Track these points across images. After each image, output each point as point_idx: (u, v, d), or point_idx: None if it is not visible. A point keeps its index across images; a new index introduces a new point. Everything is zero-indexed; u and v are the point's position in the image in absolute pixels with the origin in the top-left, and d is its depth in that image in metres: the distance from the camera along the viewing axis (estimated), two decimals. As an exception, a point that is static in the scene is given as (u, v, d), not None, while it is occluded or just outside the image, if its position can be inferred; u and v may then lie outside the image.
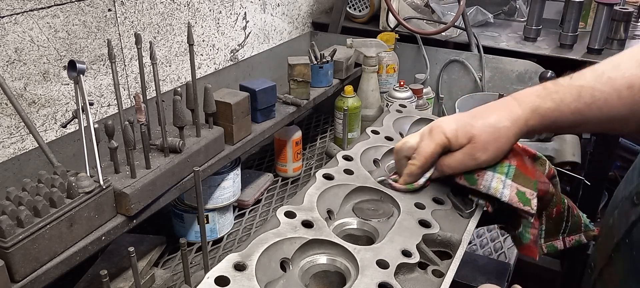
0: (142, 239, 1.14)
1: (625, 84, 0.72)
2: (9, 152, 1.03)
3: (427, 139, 0.80)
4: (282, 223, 0.72)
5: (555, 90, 0.76)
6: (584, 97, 0.74)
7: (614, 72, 0.74)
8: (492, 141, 0.77)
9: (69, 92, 1.13)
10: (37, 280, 0.75)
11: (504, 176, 0.78)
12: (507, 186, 0.78)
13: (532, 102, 0.77)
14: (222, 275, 0.62)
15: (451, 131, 0.77)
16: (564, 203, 0.86)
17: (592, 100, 0.74)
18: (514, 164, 0.79)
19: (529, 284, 0.83)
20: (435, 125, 0.80)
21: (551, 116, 0.76)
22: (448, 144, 0.78)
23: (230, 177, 1.22)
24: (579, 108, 0.75)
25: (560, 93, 0.76)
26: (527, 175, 0.79)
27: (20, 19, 1.00)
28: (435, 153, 0.79)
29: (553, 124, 0.78)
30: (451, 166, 0.80)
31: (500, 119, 0.77)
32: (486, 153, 0.77)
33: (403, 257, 0.68)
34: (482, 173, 0.79)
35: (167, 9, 1.35)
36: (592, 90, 0.74)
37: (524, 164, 0.80)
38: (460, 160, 0.79)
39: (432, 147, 0.79)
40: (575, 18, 1.81)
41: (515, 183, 0.78)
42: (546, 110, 0.76)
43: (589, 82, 0.75)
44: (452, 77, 1.82)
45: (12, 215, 0.72)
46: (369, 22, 2.09)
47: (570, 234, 0.88)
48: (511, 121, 0.76)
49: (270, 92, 1.25)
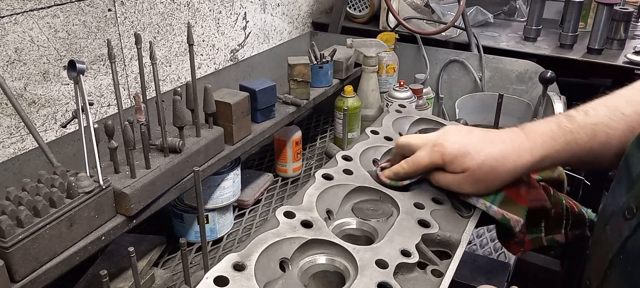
0: (142, 239, 1.14)
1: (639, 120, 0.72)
2: (9, 152, 1.04)
3: (426, 151, 0.79)
4: (282, 223, 0.72)
5: (570, 129, 0.75)
6: (599, 137, 0.74)
7: (627, 108, 0.73)
8: (485, 180, 0.76)
9: (69, 92, 1.13)
10: (37, 280, 0.76)
11: (489, 202, 0.78)
12: (491, 210, 0.78)
13: (545, 147, 0.75)
14: (221, 275, 0.62)
15: (449, 155, 0.77)
16: (562, 204, 0.86)
17: (606, 140, 0.74)
18: (503, 192, 0.78)
19: (529, 284, 0.83)
20: (440, 140, 0.79)
21: (561, 158, 0.76)
22: (442, 166, 0.78)
23: (230, 177, 1.22)
24: (593, 148, 0.74)
25: (575, 133, 0.74)
26: (518, 202, 0.78)
27: (20, 19, 1.01)
28: (427, 168, 0.80)
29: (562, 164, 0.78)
30: (439, 183, 0.81)
31: (504, 160, 0.75)
32: (473, 187, 0.77)
33: (402, 256, 0.68)
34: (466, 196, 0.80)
35: (167, 9, 1.35)
36: (606, 129, 0.73)
37: (517, 191, 0.79)
38: (449, 183, 0.79)
39: (426, 162, 0.79)
40: (575, 18, 1.82)
41: (501, 210, 0.78)
42: (557, 153, 0.75)
43: (603, 119, 0.74)
44: (452, 77, 1.82)
45: (12, 215, 0.73)
46: (369, 22, 2.09)
47: (573, 229, 0.88)
48: (515, 166, 0.75)
49: (270, 92, 1.25)
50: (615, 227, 0.70)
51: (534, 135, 0.76)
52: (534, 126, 0.78)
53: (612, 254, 0.69)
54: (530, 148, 0.75)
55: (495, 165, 0.75)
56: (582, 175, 1.76)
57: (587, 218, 0.87)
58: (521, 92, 1.70)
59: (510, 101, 1.53)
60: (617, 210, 0.69)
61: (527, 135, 0.77)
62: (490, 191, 0.78)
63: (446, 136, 0.79)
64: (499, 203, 0.78)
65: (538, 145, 0.75)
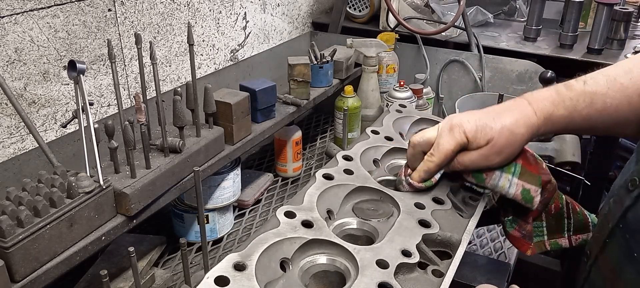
0: (142, 239, 1.14)
1: (637, 91, 0.74)
2: (9, 152, 1.04)
3: (447, 135, 0.80)
4: (282, 223, 0.72)
5: (569, 96, 0.78)
6: (596, 104, 0.76)
7: (625, 78, 0.76)
8: (507, 145, 0.78)
9: (69, 92, 1.13)
10: (37, 280, 0.75)
11: (511, 175, 0.80)
12: (513, 185, 0.80)
13: (547, 110, 0.78)
14: (221, 275, 0.62)
15: (471, 131, 0.78)
16: (561, 199, 0.86)
17: (604, 107, 0.76)
18: (520, 163, 0.81)
19: (529, 284, 0.83)
20: (455, 122, 0.80)
21: (562, 122, 0.78)
22: (466, 144, 0.79)
23: (230, 177, 1.22)
24: (591, 114, 0.77)
25: (574, 99, 0.77)
26: (531, 171, 0.81)
27: (20, 19, 1.01)
28: (455, 151, 0.80)
29: (563, 130, 0.80)
30: (464, 164, 0.81)
31: (517, 123, 0.77)
32: (500, 156, 0.79)
33: (403, 256, 0.68)
34: (491, 173, 0.81)
35: (167, 9, 1.35)
36: (604, 97, 0.76)
37: (528, 161, 0.82)
38: (474, 160, 0.80)
39: (453, 145, 0.79)
40: (575, 18, 1.82)
41: (521, 180, 0.80)
42: (559, 118, 0.78)
43: (602, 88, 0.76)
44: (452, 77, 1.82)
45: (12, 215, 0.72)
46: (369, 22, 2.09)
47: (576, 233, 0.88)
48: (526, 127, 0.77)
49: (270, 92, 1.25)
50: (618, 198, 0.73)
51: (534, 101, 0.79)
52: (534, 94, 0.81)
53: (613, 223, 0.72)
54: (534, 111, 0.78)
55: (513, 128, 0.77)
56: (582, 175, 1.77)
57: (591, 223, 0.87)
58: (521, 92, 1.70)
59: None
60: (622, 183, 0.72)
61: (528, 100, 0.79)
62: (510, 160, 0.80)
63: (458, 118, 0.80)
64: (519, 174, 0.80)
65: (540, 108, 0.78)
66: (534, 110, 0.78)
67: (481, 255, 1.33)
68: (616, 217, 0.72)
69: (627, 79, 0.75)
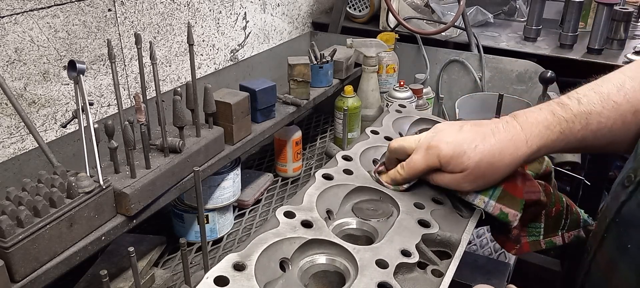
0: (142, 239, 1.14)
1: (631, 110, 0.73)
2: (9, 152, 1.04)
3: (421, 154, 0.78)
4: (282, 223, 0.72)
5: (564, 118, 0.75)
6: (591, 125, 0.74)
7: (618, 95, 0.74)
8: (482, 177, 0.76)
9: (69, 92, 1.13)
10: (37, 280, 0.76)
11: (487, 197, 0.78)
12: (489, 206, 0.78)
13: (540, 137, 0.74)
14: (221, 275, 0.62)
15: (446, 157, 0.76)
16: (562, 202, 0.86)
17: (598, 128, 0.74)
18: (501, 186, 0.78)
19: (529, 284, 0.83)
20: (433, 143, 0.77)
21: (556, 147, 0.76)
22: (439, 167, 0.78)
23: (230, 177, 1.22)
24: (585, 136, 0.75)
25: (569, 122, 0.75)
26: (515, 195, 0.78)
27: (20, 19, 1.01)
28: (423, 172, 0.79)
29: (556, 152, 0.78)
30: (437, 182, 0.81)
31: (501, 154, 0.74)
32: (473, 185, 0.77)
33: (402, 256, 0.68)
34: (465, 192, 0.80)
35: (167, 9, 1.35)
36: (599, 117, 0.74)
37: (513, 184, 0.78)
38: (447, 183, 0.79)
39: (423, 166, 0.79)
40: (575, 18, 1.82)
41: (500, 204, 0.78)
42: (552, 143, 0.75)
43: (596, 107, 0.74)
44: (452, 77, 1.82)
45: (12, 215, 0.73)
46: (369, 22, 2.09)
47: (569, 230, 0.88)
48: (512, 158, 0.74)
49: (270, 92, 1.25)
50: (615, 194, 0.73)
51: (528, 125, 0.75)
52: (527, 115, 0.77)
53: (610, 219, 0.73)
54: (526, 139, 0.75)
55: (493, 160, 0.74)
56: (582, 175, 1.77)
57: (581, 219, 0.88)
58: (521, 92, 1.70)
59: (510, 101, 1.53)
60: (620, 180, 0.72)
61: (521, 125, 0.76)
62: (488, 186, 0.78)
63: (440, 136, 0.78)
64: (497, 198, 0.78)
65: (533, 136, 0.75)
66: (526, 139, 0.74)
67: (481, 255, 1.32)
68: (612, 212, 0.72)
69: (621, 96, 0.74)
